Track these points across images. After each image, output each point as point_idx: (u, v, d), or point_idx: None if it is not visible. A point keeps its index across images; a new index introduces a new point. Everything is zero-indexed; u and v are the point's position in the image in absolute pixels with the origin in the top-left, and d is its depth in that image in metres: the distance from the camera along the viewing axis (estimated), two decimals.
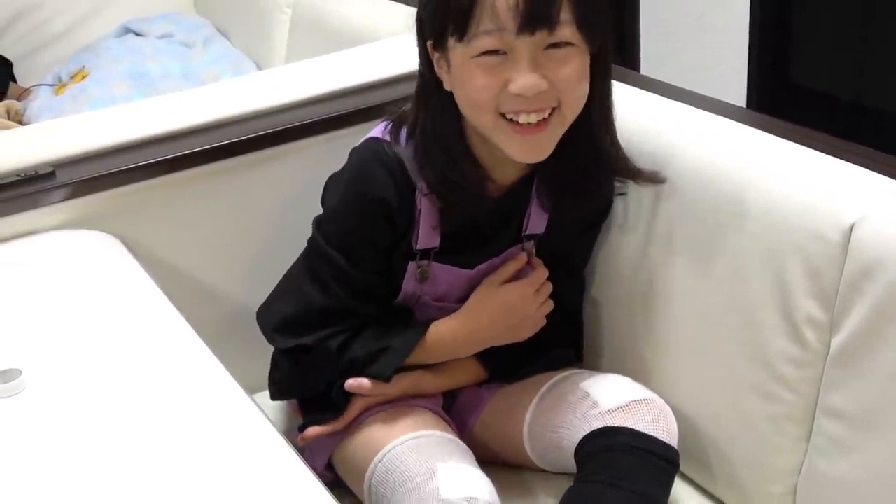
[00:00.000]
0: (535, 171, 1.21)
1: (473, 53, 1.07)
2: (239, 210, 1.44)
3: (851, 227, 1.03)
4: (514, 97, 1.07)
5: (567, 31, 1.06)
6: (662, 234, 1.24)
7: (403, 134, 1.18)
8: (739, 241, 1.14)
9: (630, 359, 1.30)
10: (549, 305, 1.26)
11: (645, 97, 1.35)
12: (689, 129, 1.25)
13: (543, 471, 1.28)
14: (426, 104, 1.17)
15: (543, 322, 1.26)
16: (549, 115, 1.10)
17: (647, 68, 2.86)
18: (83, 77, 2.26)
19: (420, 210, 1.18)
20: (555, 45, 1.07)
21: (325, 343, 1.21)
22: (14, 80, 2.49)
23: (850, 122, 2.55)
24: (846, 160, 1.12)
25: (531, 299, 1.24)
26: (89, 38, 2.52)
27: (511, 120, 1.09)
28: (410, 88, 1.22)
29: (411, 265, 1.22)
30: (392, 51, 1.62)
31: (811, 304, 1.07)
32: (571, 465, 1.18)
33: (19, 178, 1.31)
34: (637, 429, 1.14)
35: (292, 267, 1.26)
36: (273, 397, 1.31)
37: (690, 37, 2.74)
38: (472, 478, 1.10)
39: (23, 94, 2.39)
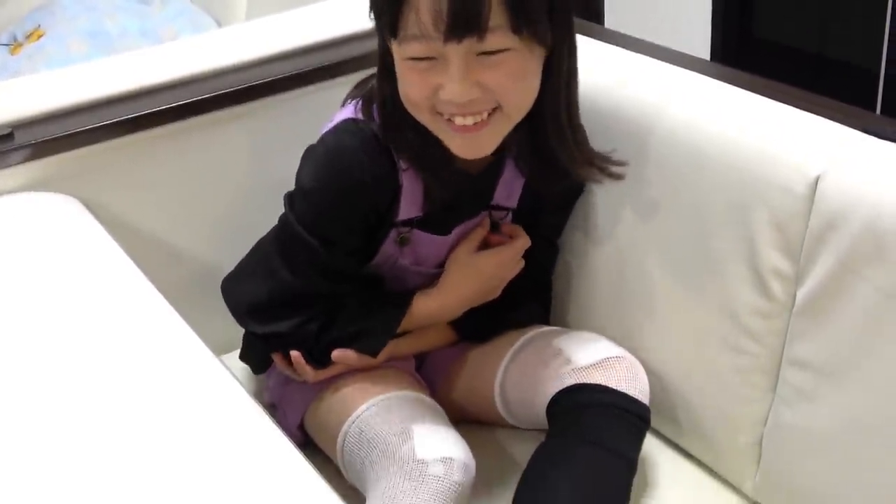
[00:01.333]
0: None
1: (405, 56, 1.05)
2: (203, 170, 1.43)
3: (817, 180, 1.04)
4: (447, 103, 1.05)
5: (499, 37, 1.01)
6: (629, 191, 1.23)
7: (376, 111, 1.15)
8: (705, 195, 1.14)
9: (599, 315, 1.31)
10: (521, 264, 1.26)
11: (609, 50, 1.35)
12: (653, 83, 1.24)
13: (515, 427, 1.29)
14: (387, 80, 1.13)
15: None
16: (490, 114, 1.07)
17: (610, 22, 2.85)
18: (39, 36, 2.22)
19: (402, 185, 1.16)
20: (489, 52, 1.02)
21: (304, 328, 1.19)
22: None
23: (813, 74, 2.56)
24: (811, 112, 1.13)
25: (509, 265, 1.24)
26: None
27: (449, 119, 1.07)
28: (373, 45, 1.20)
29: (393, 231, 1.20)
30: (353, 7, 1.60)
31: (777, 256, 1.08)
32: (543, 422, 1.18)
33: None
34: (610, 385, 1.15)
35: (263, 242, 1.22)
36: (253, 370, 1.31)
37: None
38: (447, 438, 1.11)
39: None
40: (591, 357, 1.17)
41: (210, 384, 0.96)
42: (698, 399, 1.21)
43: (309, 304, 1.19)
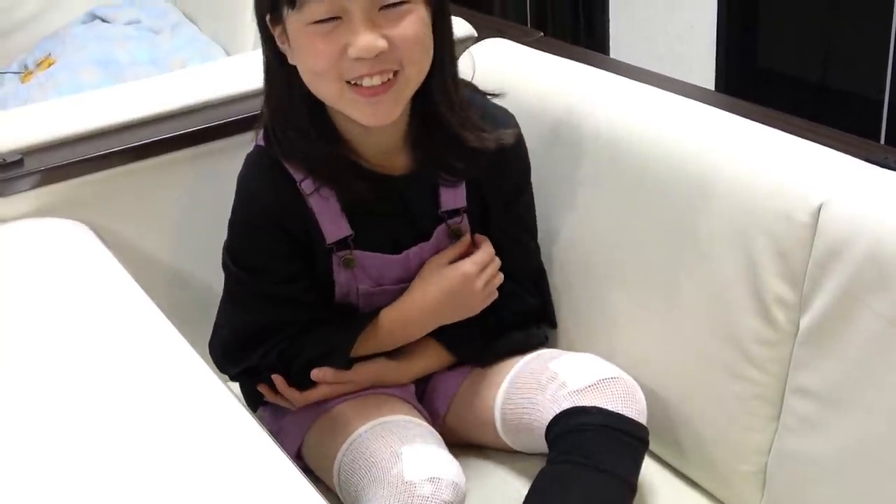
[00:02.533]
0: (413, 144, 1.19)
1: (308, 21, 1.05)
2: (209, 197, 1.43)
3: (819, 208, 1.04)
4: (355, 62, 1.05)
5: None
6: (632, 217, 1.24)
7: (266, 133, 1.17)
8: (709, 223, 1.14)
9: (602, 339, 1.31)
10: (499, 279, 1.26)
11: (613, 80, 1.36)
12: (657, 112, 1.25)
13: (519, 452, 1.29)
14: (273, 85, 1.15)
15: (494, 296, 1.25)
16: (394, 76, 1.08)
17: (615, 53, 2.86)
18: (50, 64, 2.23)
19: (311, 209, 1.17)
20: (391, 5, 1.05)
21: (269, 356, 1.20)
22: None
23: (816, 104, 2.57)
24: (813, 141, 1.14)
25: (475, 278, 1.23)
26: (55, 26, 2.49)
27: (355, 84, 1.07)
28: None
29: (334, 257, 1.20)
30: None
31: (780, 285, 1.08)
32: (544, 446, 1.18)
33: None
34: (606, 407, 1.14)
35: (223, 291, 1.26)
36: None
37: (658, 22, 2.75)
38: (436, 458, 1.11)
39: None
40: (587, 379, 1.17)
41: (214, 407, 0.96)
42: (702, 427, 1.21)
43: (270, 335, 1.20)
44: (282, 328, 1.21)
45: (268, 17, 1.11)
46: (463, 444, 1.24)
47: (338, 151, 1.15)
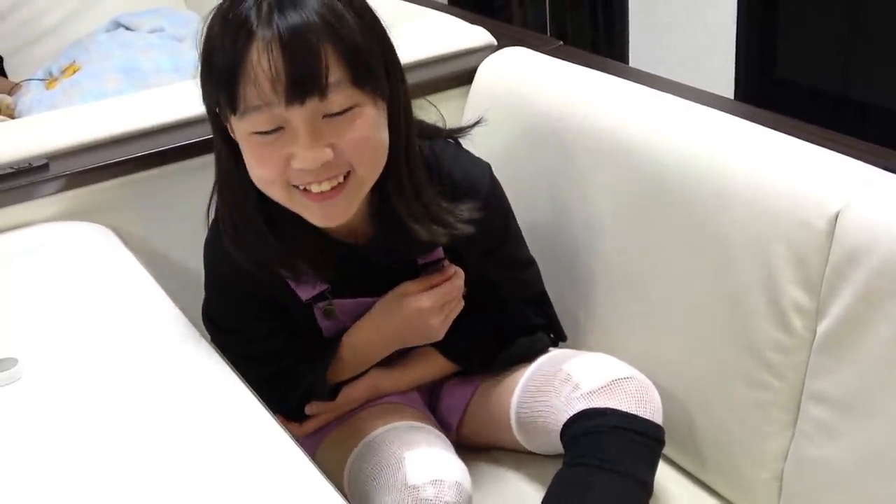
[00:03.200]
0: (377, 218, 1.14)
1: (249, 131, 1.00)
2: None
3: (836, 215, 1.05)
4: (300, 171, 1.01)
5: (343, 94, 0.99)
6: (651, 223, 1.25)
7: (224, 232, 1.12)
8: (726, 230, 1.15)
9: (619, 346, 1.32)
10: (458, 308, 1.22)
11: (631, 88, 1.37)
12: (675, 120, 1.26)
13: (532, 456, 1.29)
14: (226, 177, 1.09)
15: (448, 325, 1.21)
16: (345, 178, 1.04)
17: (634, 63, 2.87)
18: (74, 71, 2.26)
19: (282, 280, 1.15)
20: (335, 114, 1.00)
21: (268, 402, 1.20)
22: (4, 75, 2.50)
23: (835, 115, 2.57)
24: (830, 149, 1.14)
25: (431, 313, 1.19)
26: (80, 33, 2.52)
27: (305, 189, 1.03)
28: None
29: (315, 308, 1.20)
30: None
31: (797, 291, 1.09)
32: (560, 448, 1.19)
33: (13, 170, 1.32)
34: (620, 409, 1.14)
35: None
36: None
37: (678, 31, 2.76)
38: (439, 460, 1.12)
39: (13, 89, 2.39)
40: (600, 380, 1.16)
41: (237, 410, 0.98)
42: (719, 433, 1.22)
43: (266, 384, 1.15)
44: (274, 377, 1.21)
45: (217, 110, 1.05)
46: (479, 449, 1.24)
47: (295, 249, 1.11)
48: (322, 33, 0.97)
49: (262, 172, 1.03)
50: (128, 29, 2.46)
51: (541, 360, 1.27)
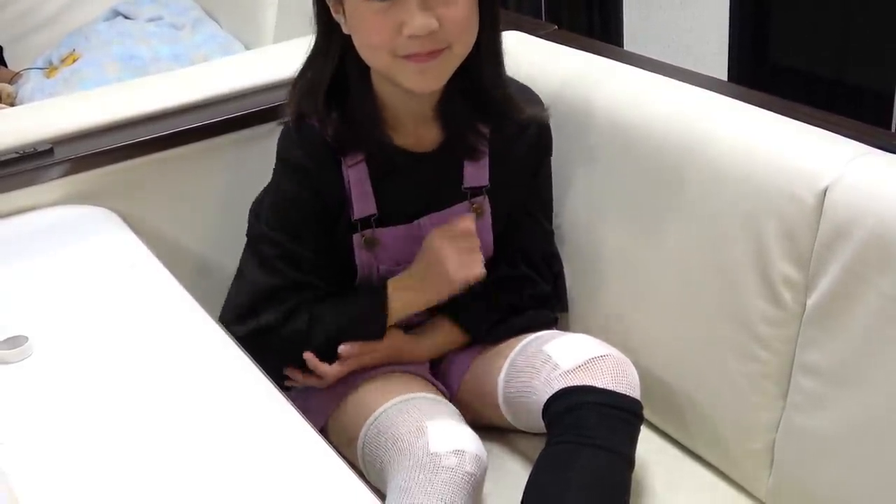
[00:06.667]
0: (447, 121, 1.25)
1: None
2: (234, 184, 1.47)
3: (825, 190, 1.07)
4: (408, 40, 1.11)
5: None
6: (645, 201, 1.27)
7: (319, 104, 1.21)
8: (719, 206, 1.18)
9: (613, 321, 1.34)
10: (474, 261, 1.26)
11: (626, 70, 1.39)
12: (669, 100, 1.28)
13: (522, 432, 1.32)
14: (326, 52, 1.20)
15: (476, 271, 1.26)
16: (441, 52, 1.14)
17: (629, 46, 2.89)
18: (74, 60, 2.28)
19: (348, 181, 1.23)
20: None
21: (292, 320, 1.24)
22: (4, 64, 2.51)
23: (828, 99, 2.58)
24: (820, 127, 1.16)
25: (449, 257, 1.24)
26: (79, 22, 2.53)
27: (406, 56, 1.13)
28: None
29: (356, 237, 1.25)
30: None
31: (787, 266, 1.11)
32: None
33: (18, 155, 1.34)
34: (596, 385, 1.16)
35: (239, 262, 1.30)
36: None
37: (672, 16, 2.77)
38: (460, 433, 1.14)
39: (13, 78, 2.41)
40: (576, 359, 1.19)
41: (243, 385, 1.00)
42: (711, 406, 1.24)
43: (286, 299, 1.24)
44: (300, 290, 1.24)
45: None
46: (475, 423, 1.26)
47: (373, 119, 1.21)
48: None
49: (371, 39, 1.14)
50: (127, 17, 2.48)
51: (526, 341, 1.29)
